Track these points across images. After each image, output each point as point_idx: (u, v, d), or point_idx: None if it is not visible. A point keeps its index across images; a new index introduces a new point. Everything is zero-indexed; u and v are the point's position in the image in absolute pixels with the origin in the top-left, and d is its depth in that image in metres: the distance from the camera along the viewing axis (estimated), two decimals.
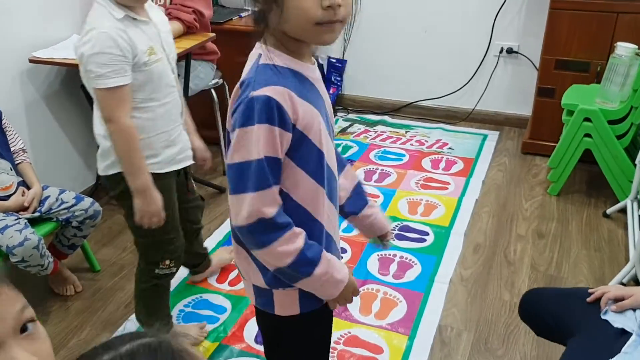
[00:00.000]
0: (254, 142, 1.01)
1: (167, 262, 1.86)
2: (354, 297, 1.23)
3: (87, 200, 2.17)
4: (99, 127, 1.69)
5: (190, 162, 1.87)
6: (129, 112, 1.59)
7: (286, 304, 1.18)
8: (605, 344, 1.42)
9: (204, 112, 3.03)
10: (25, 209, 2.07)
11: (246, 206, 1.04)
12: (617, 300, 1.52)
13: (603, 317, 1.52)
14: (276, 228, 1.06)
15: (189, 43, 2.52)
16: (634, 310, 1.48)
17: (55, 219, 2.13)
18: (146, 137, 1.66)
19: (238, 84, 1.06)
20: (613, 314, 1.51)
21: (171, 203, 1.80)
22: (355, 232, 1.40)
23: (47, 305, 2.22)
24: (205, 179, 3.04)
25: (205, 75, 2.85)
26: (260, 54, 1.06)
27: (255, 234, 1.06)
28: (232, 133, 1.05)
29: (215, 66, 2.92)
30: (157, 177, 1.69)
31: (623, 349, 1.38)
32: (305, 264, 1.10)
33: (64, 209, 2.12)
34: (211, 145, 3.22)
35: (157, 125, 1.69)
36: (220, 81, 3.01)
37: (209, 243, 2.55)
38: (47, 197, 2.14)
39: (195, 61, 2.72)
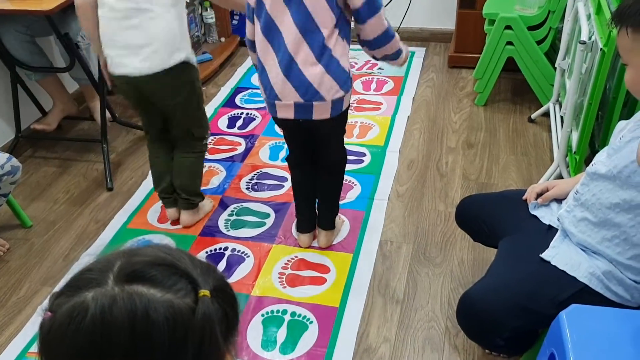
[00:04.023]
0: None
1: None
2: None
3: (3, 156, 2.03)
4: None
5: None
6: None
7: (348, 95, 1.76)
8: (536, 240, 1.51)
9: None
10: None
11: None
12: (542, 193, 1.61)
13: (532, 211, 1.61)
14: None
15: None
16: (559, 203, 1.57)
17: None
18: None
19: None
20: (542, 210, 1.60)
21: None
22: None
23: None
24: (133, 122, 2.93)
25: None
26: None
27: (390, 29, 1.74)
28: None
29: None
30: None
31: (551, 244, 1.47)
32: None
33: None
34: None
35: None
36: None
37: None
38: None
39: None
